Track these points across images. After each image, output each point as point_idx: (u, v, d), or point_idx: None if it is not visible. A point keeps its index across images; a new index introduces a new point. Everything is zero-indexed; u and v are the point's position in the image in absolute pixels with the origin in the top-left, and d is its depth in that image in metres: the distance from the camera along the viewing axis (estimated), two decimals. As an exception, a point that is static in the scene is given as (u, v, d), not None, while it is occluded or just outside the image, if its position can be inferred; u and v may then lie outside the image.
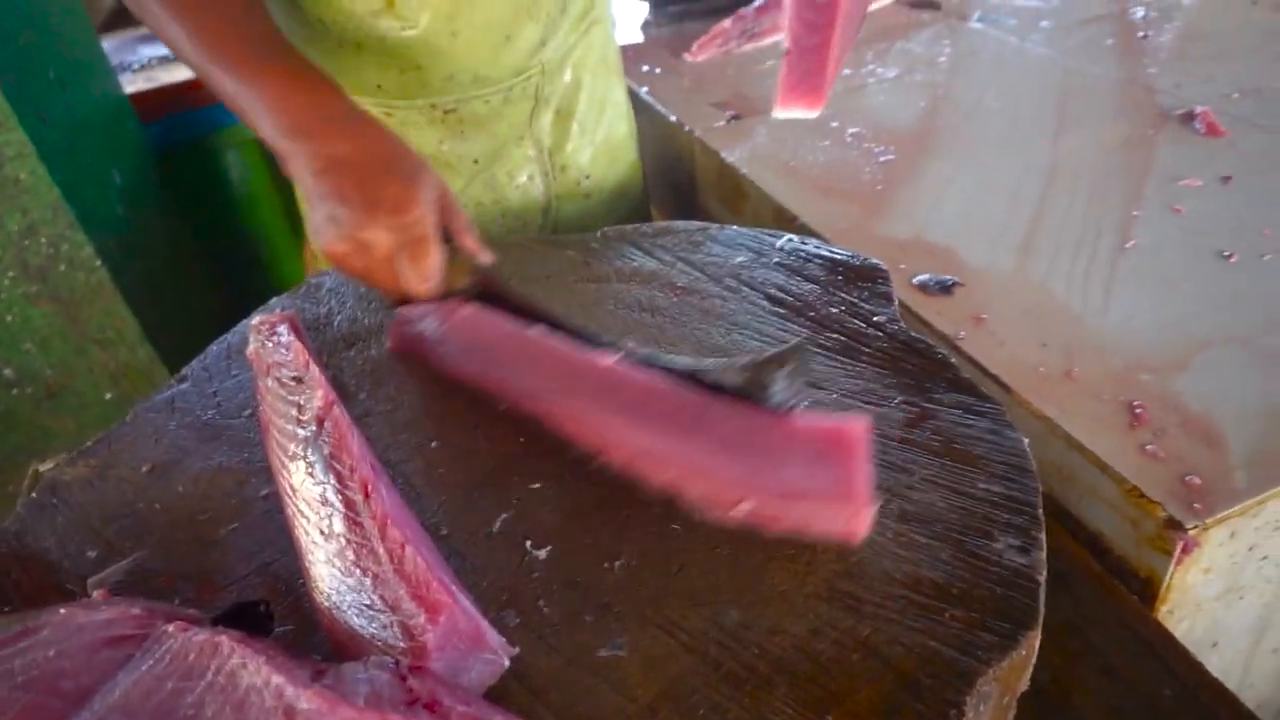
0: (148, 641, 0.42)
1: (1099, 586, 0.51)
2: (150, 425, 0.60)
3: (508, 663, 0.41)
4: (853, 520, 0.44)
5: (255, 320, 0.60)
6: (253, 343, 0.58)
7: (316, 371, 0.53)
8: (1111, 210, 0.74)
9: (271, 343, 0.58)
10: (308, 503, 0.46)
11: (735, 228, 0.72)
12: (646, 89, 1.08)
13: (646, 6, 1.33)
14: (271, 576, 0.48)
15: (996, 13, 1.18)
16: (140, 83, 1.70)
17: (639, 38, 1.30)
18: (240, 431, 0.58)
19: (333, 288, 0.72)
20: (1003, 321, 0.64)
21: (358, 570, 0.43)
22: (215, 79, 0.65)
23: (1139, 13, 1.12)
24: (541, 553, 0.47)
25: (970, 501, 0.47)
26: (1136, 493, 0.51)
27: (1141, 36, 1.05)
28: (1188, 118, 0.85)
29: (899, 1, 1.25)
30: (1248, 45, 0.99)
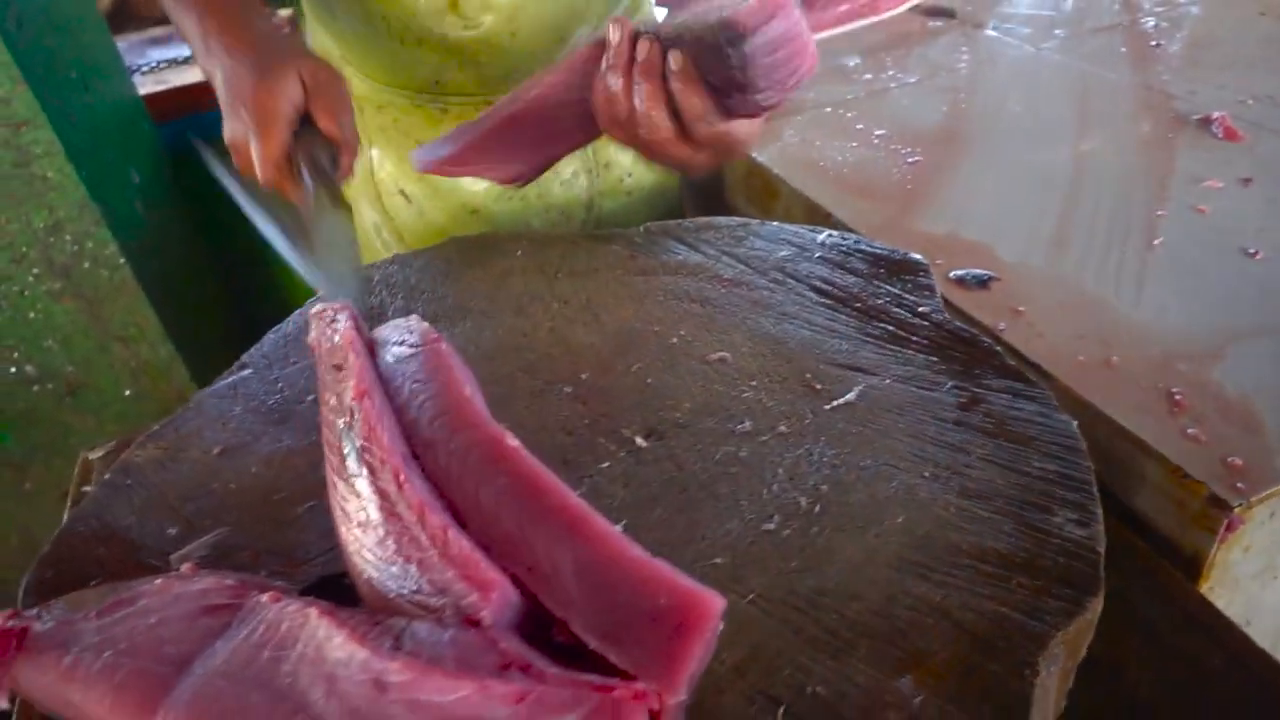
0: (242, 611, 0.44)
1: (1145, 564, 0.54)
2: (215, 410, 0.61)
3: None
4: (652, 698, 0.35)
5: (315, 308, 0.61)
6: (313, 330, 0.60)
7: (354, 361, 0.54)
8: (1137, 209, 0.77)
9: (329, 331, 0.60)
10: (346, 494, 0.47)
11: (776, 224, 0.74)
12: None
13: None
14: (353, 551, 0.50)
15: (1010, 21, 1.21)
16: (151, 85, 1.72)
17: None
18: (306, 416, 0.60)
19: (382, 279, 0.74)
20: (1040, 314, 0.66)
21: (400, 558, 0.43)
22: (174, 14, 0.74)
23: (1150, 22, 1.15)
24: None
25: (1027, 479, 0.49)
26: (1180, 474, 0.53)
27: (1154, 45, 1.09)
28: (1205, 122, 0.88)
29: (913, 9, 1.28)
30: (1258, 53, 1.02)
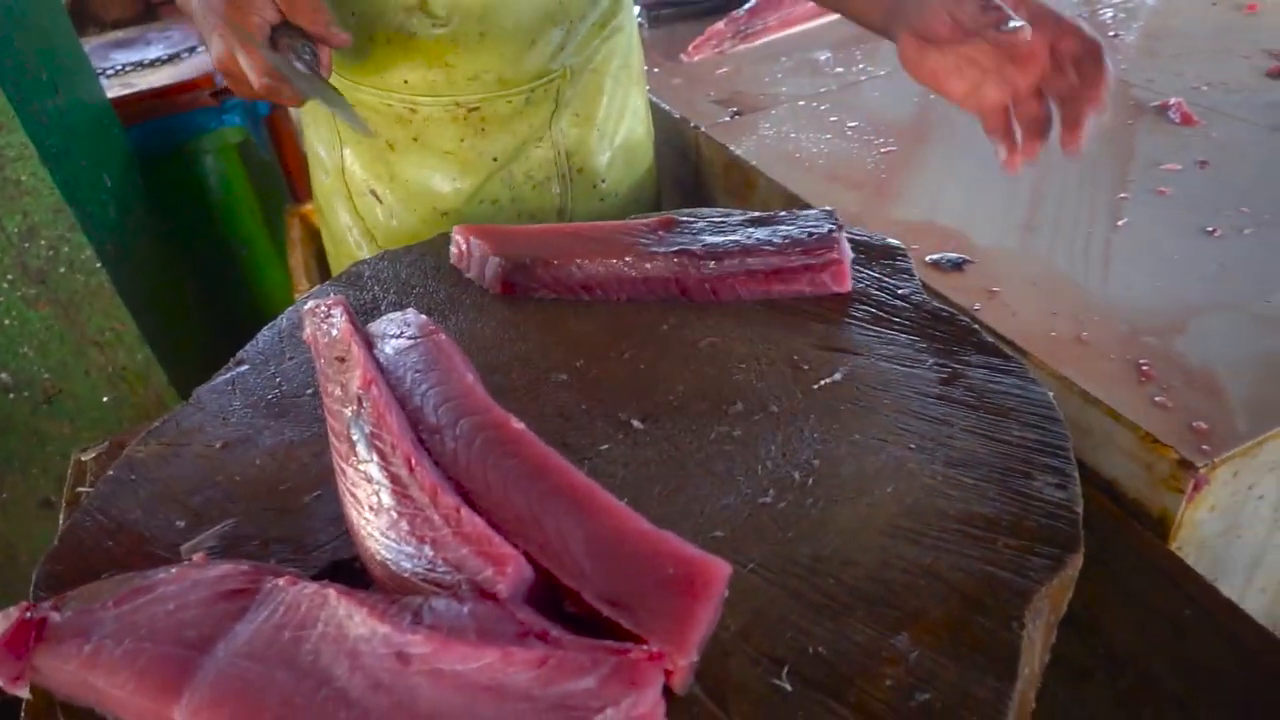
0: (260, 595, 0.45)
1: (1117, 525, 0.56)
2: (215, 406, 0.62)
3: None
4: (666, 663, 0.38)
5: (309, 305, 0.63)
6: (308, 326, 0.61)
7: (358, 351, 0.56)
8: (1102, 193, 0.80)
9: (325, 325, 0.61)
10: (356, 480, 0.48)
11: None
12: (648, 88, 1.12)
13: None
14: (362, 536, 0.51)
15: (974, 14, 1.24)
16: (117, 88, 1.70)
17: None
18: (306, 409, 0.61)
19: (373, 275, 0.75)
20: (1014, 294, 0.69)
21: (414, 539, 0.45)
22: None
23: (1108, 14, 1.19)
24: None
25: (1008, 447, 0.51)
26: (1150, 438, 0.56)
27: (1112, 35, 1.12)
28: (1163, 109, 0.92)
29: (880, 4, 1.31)
30: (1210, 42, 1.06)
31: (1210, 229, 0.73)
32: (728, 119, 1.01)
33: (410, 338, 0.59)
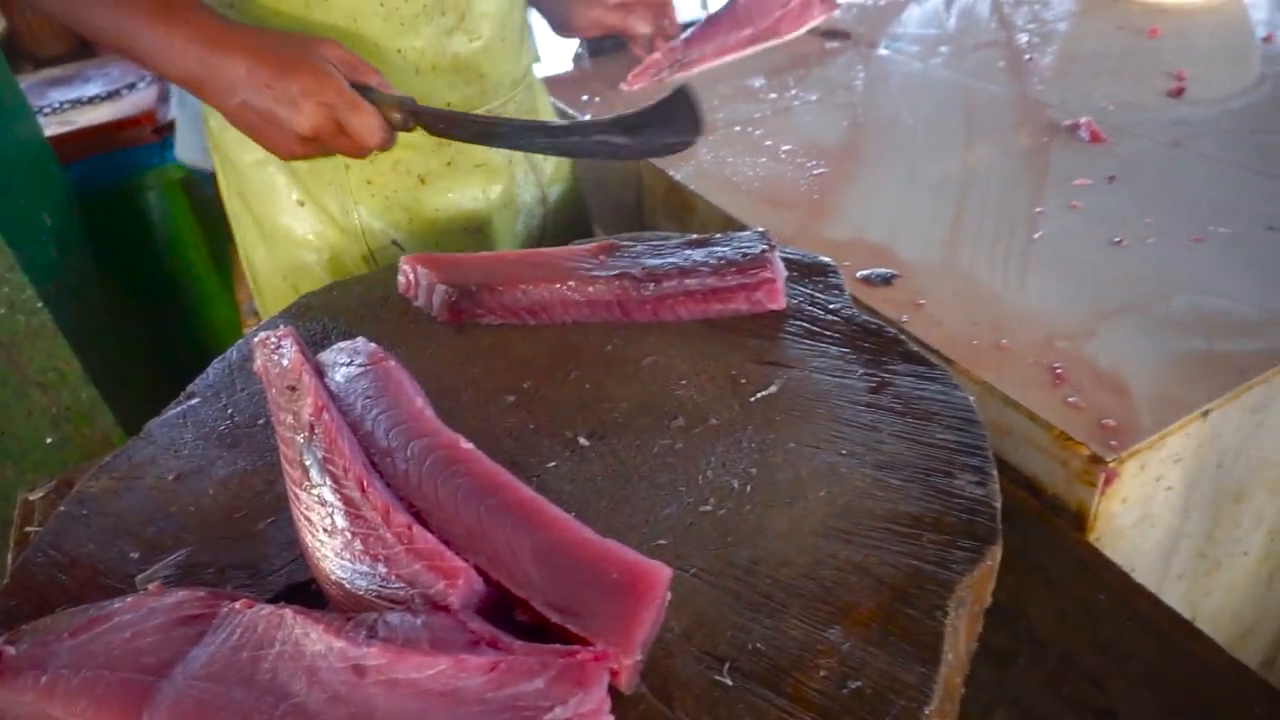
0: (217, 619, 0.46)
1: (1038, 520, 0.60)
2: (167, 439, 0.63)
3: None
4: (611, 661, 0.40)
5: (260, 337, 0.64)
6: (259, 357, 0.62)
7: (309, 380, 0.57)
8: (1019, 208, 0.85)
9: (275, 356, 0.62)
10: (310, 504, 0.50)
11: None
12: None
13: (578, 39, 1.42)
14: (317, 560, 0.52)
15: (900, 40, 1.30)
16: (55, 126, 1.69)
17: (568, 68, 1.38)
18: (258, 438, 0.62)
19: (323, 306, 0.77)
20: (938, 305, 0.73)
21: (368, 558, 0.46)
22: (93, 22, 0.72)
23: (1023, 38, 1.26)
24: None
25: (932, 449, 0.54)
26: (1064, 437, 0.60)
27: (1027, 59, 1.19)
28: (1074, 128, 0.97)
29: (811, 32, 1.36)
30: (1116, 64, 1.13)
31: (1118, 239, 0.78)
32: (667, 145, 1.05)
33: (360, 365, 0.61)
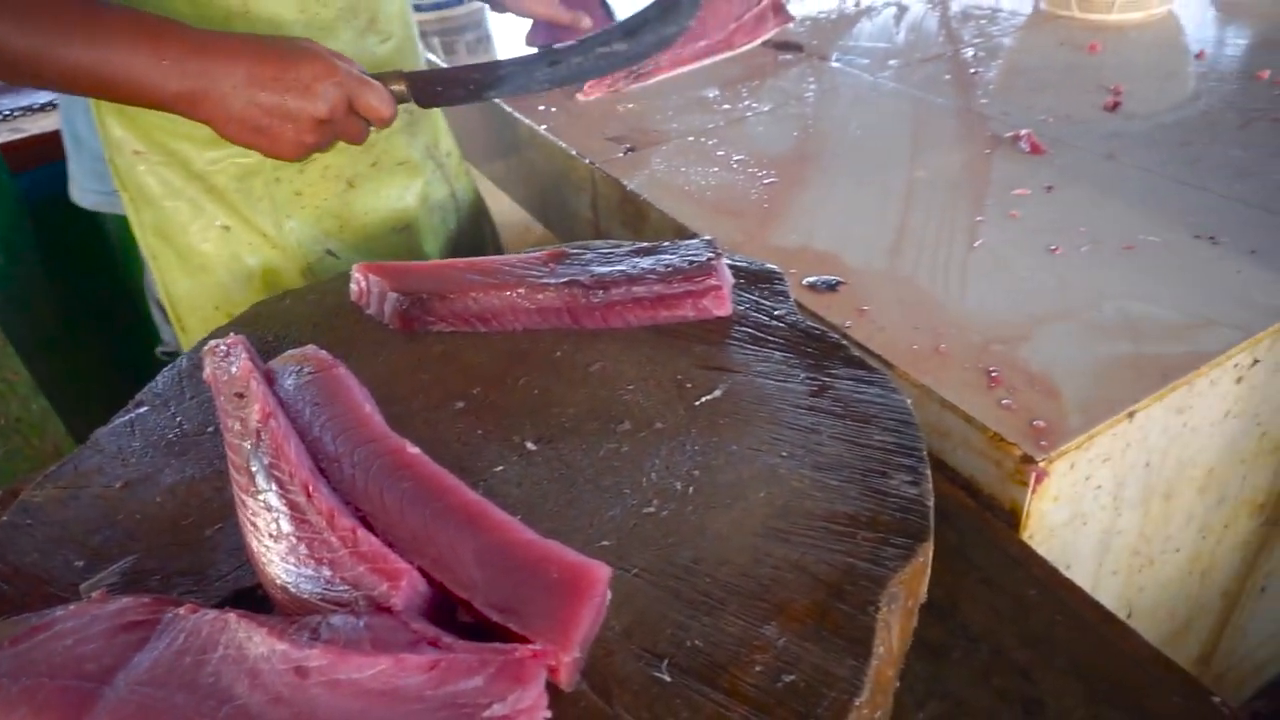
0: (161, 624, 0.46)
1: (975, 519, 0.62)
2: (114, 447, 0.63)
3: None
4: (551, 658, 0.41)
5: (209, 344, 0.64)
6: (208, 365, 0.63)
7: (256, 387, 0.57)
8: (960, 216, 0.87)
9: (224, 363, 0.62)
10: (256, 510, 0.50)
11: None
12: (545, 126, 1.16)
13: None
14: (263, 565, 0.53)
15: (851, 53, 1.33)
16: (5, 134, 1.66)
17: None
18: (207, 446, 0.62)
19: (274, 314, 0.77)
20: (881, 311, 0.75)
21: (313, 561, 0.47)
22: (69, 59, 0.68)
23: (969, 52, 1.29)
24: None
25: (869, 450, 0.56)
26: (998, 438, 0.62)
27: (972, 72, 1.22)
28: (1015, 139, 1.00)
29: (765, 44, 1.39)
30: (1057, 79, 1.17)
31: (1053, 247, 0.81)
32: (621, 155, 1.06)
33: (310, 373, 0.61)
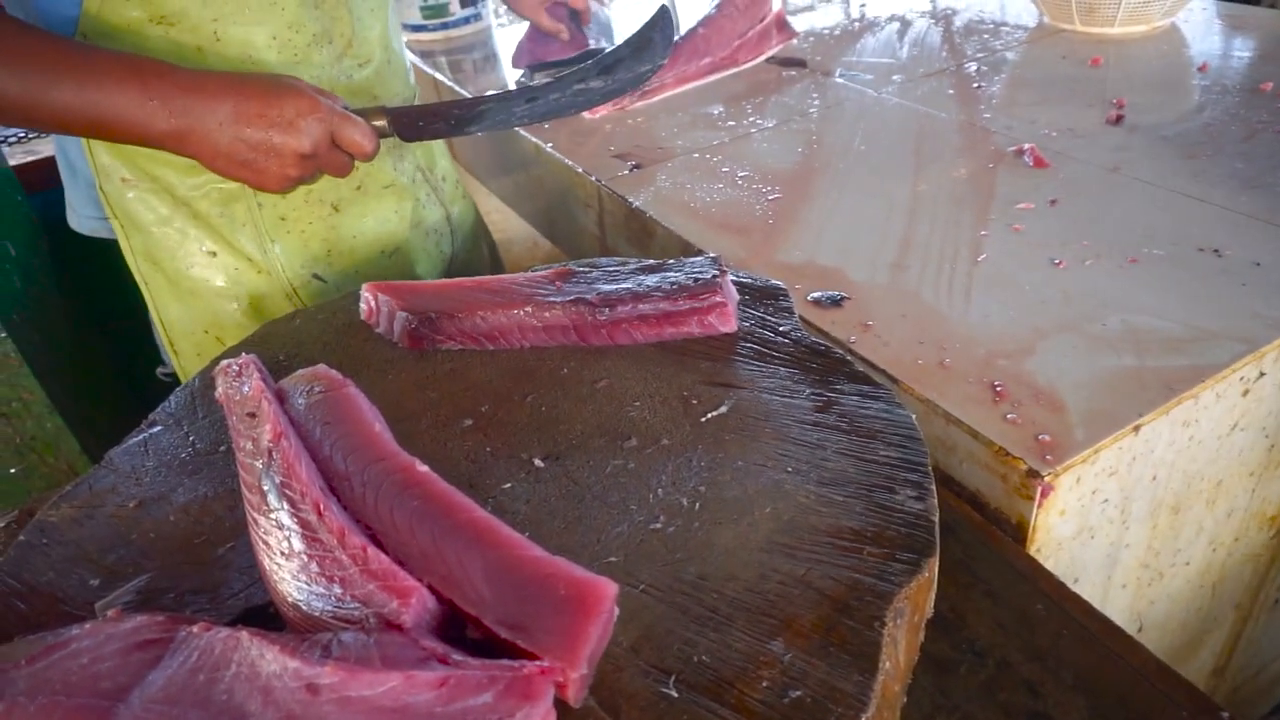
0: (174, 643, 0.47)
1: (981, 533, 0.62)
2: (128, 466, 0.64)
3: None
4: (560, 675, 0.41)
5: (221, 364, 0.65)
6: (220, 385, 0.64)
7: (268, 407, 0.58)
8: (964, 231, 0.88)
9: (235, 384, 0.63)
10: (268, 528, 0.51)
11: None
12: (551, 144, 1.18)
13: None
14: (275, 583, 0.53)
15: (854, 69, 1.34)
16: (20, 155, 1.69)
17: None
18: (220, 465, 0.63)
19: (285, 334, 0.78)
20: (885, 326, 0.75)
21: (324, 579, 0.47)
22: (59, 102, 0.71)
23: (972, 66, 1.30)
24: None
25: (874, 466, 0.57)
26: (1003, 453, 0.62)
27: (976, 87, 1.23)
28: (1019, 153, 1.01)
29: (769, 60, 1.40)
30: (1060, 93, 1.17)
31: (1057, 261, 0.81)
32: (626, 172, 1.07)
33: (320, 392, 0.62)
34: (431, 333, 0.71)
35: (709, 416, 0.62)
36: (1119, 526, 0.69)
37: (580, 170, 1.10)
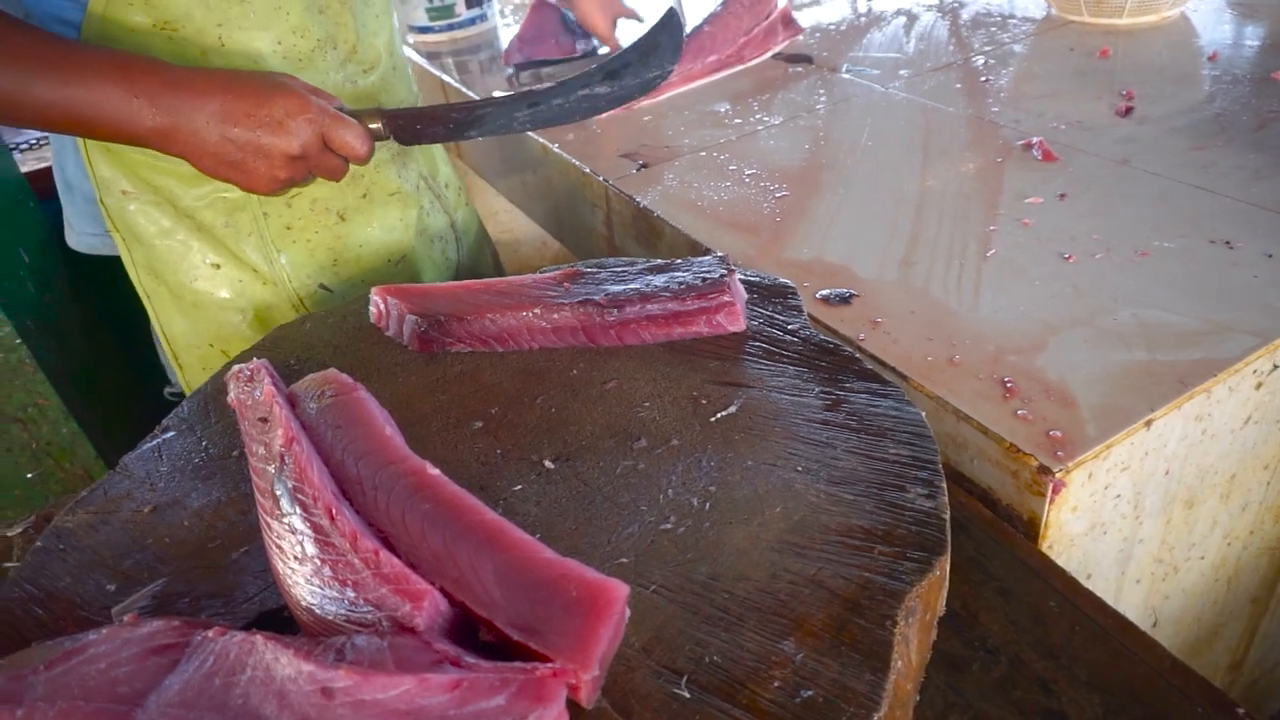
0: (190, 647, 0.47)
1: (993, 530, 0.62)
2: (143, 472, 0.64)
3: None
4: (573, 676, 0.42)
5: (233, 369, 0.65)
6: (233, 390, 0.64)
7: (279, 412, 0.59)
8: (973, 226, 0.87)
9: (247, 388, 0.64)
10: (281, 533, 0.51)
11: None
12: (559, 144, 1.18)
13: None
14: (289, 587, 0.54)
15: (861, 64, 1.34)
16: (32, 163, 1.70)
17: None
18: (233, 470, 0.63)
19: (296, 338, 0.78)
20: (894, 323, 0.75)
21: (337, 583, 0.48)
22: (43, 97, 0.70)
23: (980, 60, 1.29)
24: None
25: (884, 464, 0.56)
26: (1014, 449, 0.62)
27: (983, 80, 1.22)
28: (1027, 147, 1.00)
29: (775, 57, 1.39)
30: (1068, 86, 1.17)
31: (1067, 255, 0.81)
32: (634, 172, 1.07)
33: (331, 396, 0.62)
34: (441, 335, 0.72)
35: (718, 416, 0.62)
36: (1132, 522, 0.69)
37: (588, 170, 1.10)
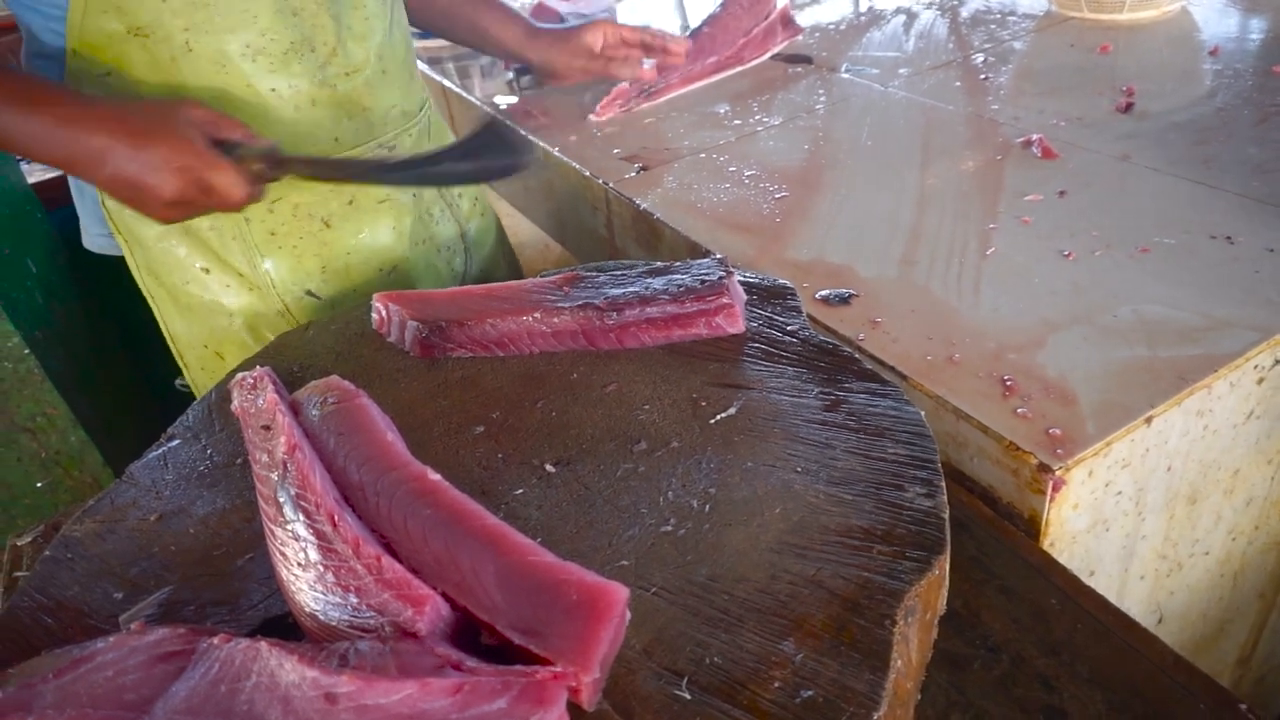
0: (196, 654, 0.48)
1: (993, 528, 0.62)
2: (148, 480, 0.65)
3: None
4: (573, 679, 0.42)
5: (237, 377, 0.66)
6: (236, 398, 0.65)
7: (282, 419, 0.59)
8: (973, 224, 0.87)
9: (250, 396, 0.64)
10: (284, 539, 0.52)
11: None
12: (559, 148, 1.18)
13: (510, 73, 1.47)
14: (293, 593, 0.54)
15: (860, 63, 1.34)
16: (39, 173, 1.71)
17: (513, 98, 1.41)
18: (237, 477, 0.64)
19: (299, 345, 0.79)
20: (894, 322, 0.75)
21: (340, 589, 0.48)
22: None
23: (979, 58, 1.29)
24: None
25: (883, 464, 0.57)
26: (1014, 447, 0.62)
27: (983, 78, 1.22)
28: (1027, 144, 1.00)
29: (775, 57, 1.40)
30: (1068, 82, 1.16)
31: (1066, 253, 0.81)
32: (634, 174, 1.08)
33: (333, 402, 0.63)
34: (442, 341, 0.72)
35: (718, 418, 0.62)
36: (1134, 518, 0.69)
37: (588, 174, 1.10)
